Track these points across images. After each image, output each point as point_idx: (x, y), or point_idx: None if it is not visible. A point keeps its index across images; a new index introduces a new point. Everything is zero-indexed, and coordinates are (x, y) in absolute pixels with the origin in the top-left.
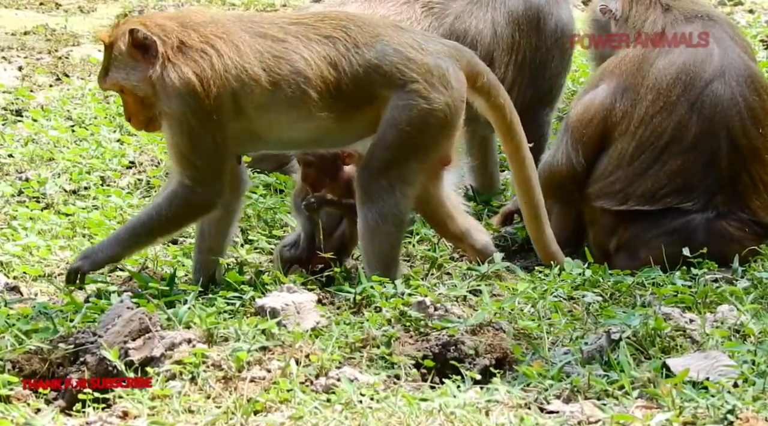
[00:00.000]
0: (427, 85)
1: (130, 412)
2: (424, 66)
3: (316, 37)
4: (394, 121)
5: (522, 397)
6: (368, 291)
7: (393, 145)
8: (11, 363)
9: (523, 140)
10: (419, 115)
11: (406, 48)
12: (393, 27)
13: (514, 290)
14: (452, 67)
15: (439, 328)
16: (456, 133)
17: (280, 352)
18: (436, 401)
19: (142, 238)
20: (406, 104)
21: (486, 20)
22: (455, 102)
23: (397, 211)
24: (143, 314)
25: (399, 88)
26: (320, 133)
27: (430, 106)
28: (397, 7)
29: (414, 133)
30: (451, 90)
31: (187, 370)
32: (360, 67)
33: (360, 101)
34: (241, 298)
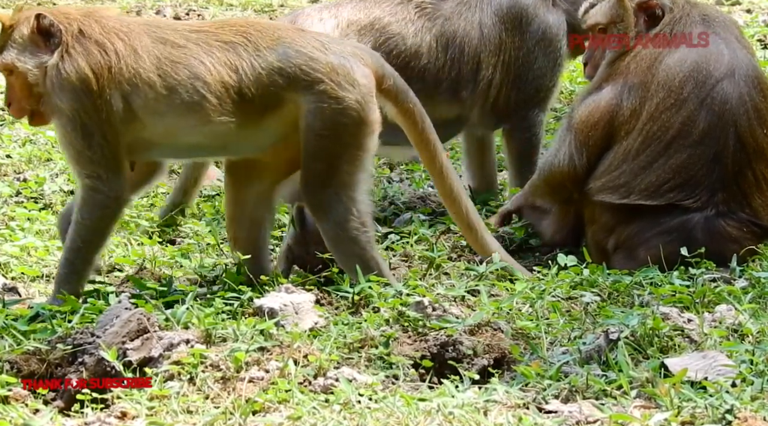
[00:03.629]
0: (334, 85)
1: (129, 413)
2: (328, 65)
3: (217, 43)
4: (311, 129)
5: (520, 397)
6: (366, 291)
7: (319, 154)
8: (9, 363)
9: (438, 148)
10: (332, 117)
11: (309, 49)
12: (295, 30)
13: (513, 290)
14: (356, 65)
15: (437, 328)
16: (376, 129)
17: (278, 353)
18: (435, 401)
19: (82, 265)
20: (317, 108)
21: (473, 22)
22: (365, 97)
23: (351, 216)
24: (141, 315)
25: (306, 90)
26: (225, 139)
27: (340, 106)
28: (391, 7)
29: (333, 136)
30: (358, 87)
31: (186, 371)
32: (263, 71)
33: (266, 105)
34: (239, 298)
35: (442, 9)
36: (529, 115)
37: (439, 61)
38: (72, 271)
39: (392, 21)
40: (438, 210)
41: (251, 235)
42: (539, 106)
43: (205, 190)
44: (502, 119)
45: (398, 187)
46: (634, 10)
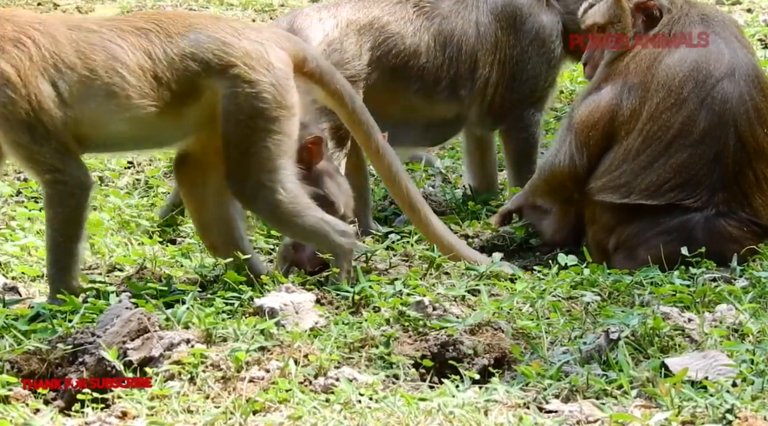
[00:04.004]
0: (248, 69)
1: (129, 413)
2: (241, 49)
3: (129, 29)
4: (228, 115)
5: (521, 396)
6: (367, 291)
7: (239, 140)
8: (10, 363)
9: (372, 128)
10: (247, 101)
11: (221, 34)
12: (208, 17)
13: (513, 290)
14: (271, 49)
15: (437, 328)
16: (294, 112)
17: (278, 352)
18: (435, 401)
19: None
20: (232, 92)
21: (470, 20)
22: (280, 81)
23: (281, 197)
24: (142, 314)
25: (220, 75)
26: (149, 127)
27: (255, 90)
28: (390, 7)
29: (250, 121)
30: (273, 70)
31: (186, 370)
32: (176, 56)
33: (184, 93)
34: (239, 298)
35: (439, 8)
36: (525, 114)
37: (438, 60)
38: (60, 268)
39: (391, 20)
40: (438, 210)
41: (226, 237)
42: (535, 106)
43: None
44: (499, 119)
45: None
46: (632, 11)
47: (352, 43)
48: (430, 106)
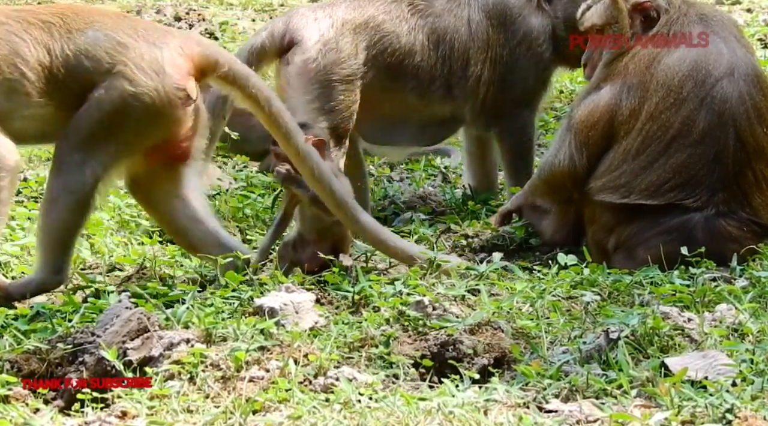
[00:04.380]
0: (135, 69)
1: (129, 412)
2: (134, 50)
3: (35, 21)
4: (98, 101)
5: (521, 396)
6: (366, 290)
7: (93, 122)
8: (10, 363)
9: (292, 130)
10: (121, 96)
11: (119, 34)
12: (114, 15)
13: (513, 290)
14: (169, 54)
15: (437, 328)
16: (173, 123)
17: (278, 352)
18: (435, 401)
19: None
20: (110, 85)
21: (463, 18)
22: (167, 88)
23: (82, 189)
24: (142, 314)
25: (107, 73)
26: (48, 125)
27: (134, 89)
28: (385, 6)
29: (115, 113)
30: (162, 76)
31: (186, 370)
32: (71, 53)
33: (80, 90)
34: (239, 297)
35: (434, 6)
36: (517, 115)
37: (432, 58)
38: None
39: (386, 19)
40: (438, 209)
41: (202, 234)
42: (528, 107)
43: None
44: (492, 119)
45: (398, 187)
46: (629, 12)
47: (348, 42)
48: (425, 104)
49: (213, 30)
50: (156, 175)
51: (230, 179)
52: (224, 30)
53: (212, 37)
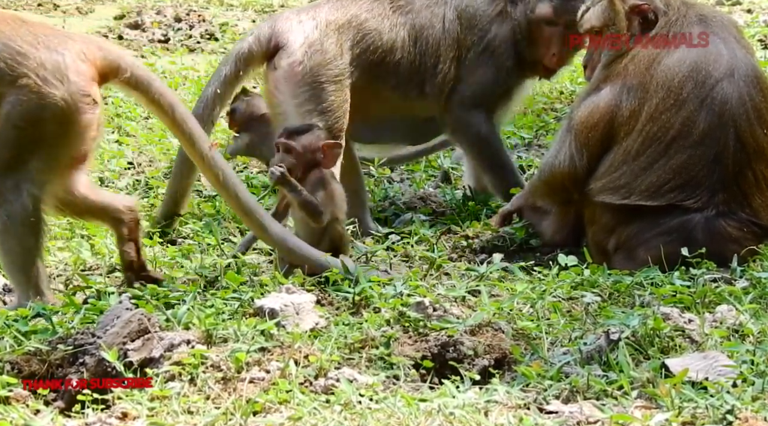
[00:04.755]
0: (39, 80)
1: (130, 413)
2: (36, 60)
3: None
4: (8, 118)
5: (521, 397)
6: (367, 292)
7: (11, 143)
8: (10, 364)
9: (196, 136)
10: (30, 110)
11: (18, 42)
12: (11, 22)
13: (513, 291)
14: (72, 60)
15: (438, 329)
16: (83, 128)
17: (279, 353)
18: (436, 402)
19: None
20: (17, 99)
21: (438, 15)
22: (73, 96)
23: (26, 212)
24: (142, 315)
25: (10, 85)
26: None
27: (42, 101)
28: (368, 4)
29: (29, 129)
30: (68, 83)
31: (187, 371)
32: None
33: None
34: (239, 298)
35: (414, 3)
36: (470, 119)
37: (411, 56)
38: None
39: (369, 17)
40: (438, 210)
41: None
42: (481, 112)
43: (205, 191)
44: (450, 120)
45: (398, 188)
46: (627, 13)
47: (333, 42)
48: (405, 103)
49: (213, 31)
50: None
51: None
52: (224, 31)
53: (212, 38)
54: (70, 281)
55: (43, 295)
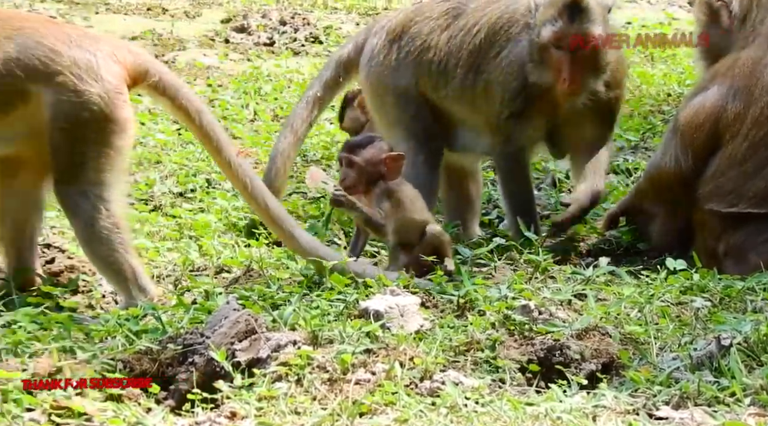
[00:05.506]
0: (74, 78)
1: (238, 413)
2: (69, 58)
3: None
4: (53, 123)
5: (630, 402)
6: (472, 294)
7: (64, 149)
8: (122, 362)
9: (222, 143)
10: (72, 110)
11: (51, 40)
12: (44, 21)
13: (620, 295)
14: (103, 60)
15: (543, 333)
16: (125, 127)
17: (384, 355)
18: (542, 406)
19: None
20: (57, 100)
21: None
22: (109, 93)
23: (100, 215)
24: (249, 316)
25: (45, 82)
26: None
27: (80, 99)
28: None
29: (75, 130)
30: (102, 82)
31: (293, 372)
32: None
33: (9, 98)
34: (344, 300)
35: (468, 7)
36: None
37: (457, 71)
38: None
39: (425, 30)
40: (543, 213)
41: (14, 234)
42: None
43: (310, 192)
44: None
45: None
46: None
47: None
48: (464, 116)
49: (317, 34)
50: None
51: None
52: (328, 34)
53: (317, 41)
54: (178, 281)
55: (145, 290)
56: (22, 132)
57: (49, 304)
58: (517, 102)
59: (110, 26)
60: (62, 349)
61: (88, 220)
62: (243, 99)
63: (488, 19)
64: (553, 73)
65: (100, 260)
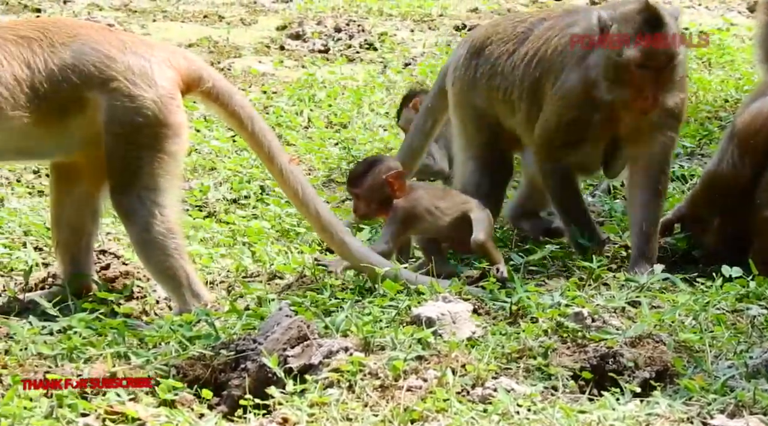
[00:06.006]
0: (128, 84)
1: (290, 419)
2: (123, 64)
3: (12, 37)
4: (108, 128)
5: (684, 411)
6: (524, 301)
7: (119, 154)
8: (176, 368)
9: (275, 150)
10: (126, 115)
11: (106, 47)
12: (99, 28)
13: (675, 302)
14: (157, 66)
15: (596, 340)
16: (179, 132)
17: (436, 362)
18: (595, 413)
19: None
20: (111, 105)
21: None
22: (163, 99)
23: (155, 221)
24: (301, 322)
25: (100, 88)
26: (28, 139)
27: (134, 104)
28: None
29: (129, 135)
30: (156, 87)
31: (345, 378)
32: (55, 67)
33: (65, 104)
34: (396, 307)
35: (534, 30)
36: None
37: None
38: None
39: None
40: (597, 220)
41: (70, 240)
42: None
43: None
44: None
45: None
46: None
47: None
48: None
49: (372, 41)
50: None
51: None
52: (383, 41)
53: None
54: (232, 288)
55: (199, 296)
56: (80, 139)
57: (104, 310)
58: (571, 130)
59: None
60: (117, 354)
61: (143, 225)
62: (297, 106)
63: (545, 49)
64: (632, 91)
65: (155, 266)
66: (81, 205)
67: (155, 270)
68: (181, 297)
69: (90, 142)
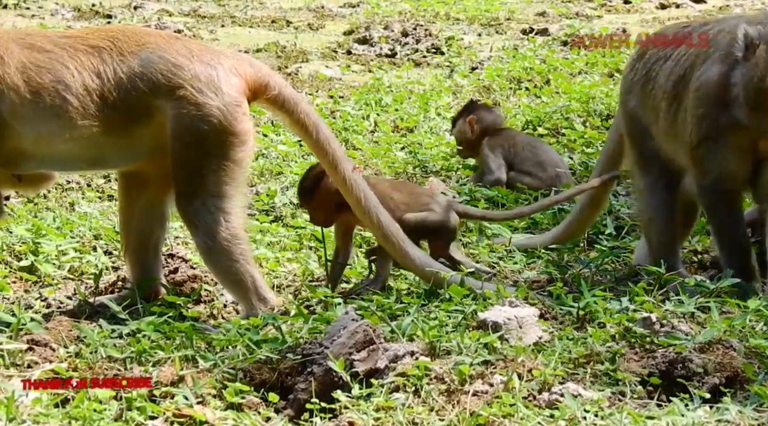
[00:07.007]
0: (195, 91)
1: (356, 423)
2: (190, 72)
3: (83, 47)
4: (175, 135)
5: (755, 417)
6: (592, 306)
7: (184, 161)
8: (243, 372)
9: (339, 158)
10: (193, 123)
11: (173, 55)
12: (166, 36)
13: (745, 307)
14: (224, 73)
15: (665, 345)
16: (244, 139)
17: (502, 367)
18: (663, 420)
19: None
20: (177, 113)
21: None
22: (228, 107)
23: (220, 227)
24: (368, 326)
25: (168, 96)
26: (96, 147)
27: (201, 112)
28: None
29: (196, 143)
30: (222, 95)
31: (411, 383)
32: (124, 76)
33: (134, 112)
34: (462, 311)
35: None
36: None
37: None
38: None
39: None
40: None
41: (139, 246)
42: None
43: None
44: None
45: (623, 201)
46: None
47: None
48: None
49: (439, 45)
50: (156, 180)
51: (453, 193)
52: (450, 45)
53: (438, 52)
54: (298, 292)
55: (265, 299)
56: (148, 147)
57: (172, 314)
58: (703, 128)
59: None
60: (185, 357)
61: (208, 232)
62: (364, 110)
63: (694, 52)
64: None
65: (221, 271)
66: (149, 211)
67: (221, 276)
68: (248, 301)
69: (157, 150)
